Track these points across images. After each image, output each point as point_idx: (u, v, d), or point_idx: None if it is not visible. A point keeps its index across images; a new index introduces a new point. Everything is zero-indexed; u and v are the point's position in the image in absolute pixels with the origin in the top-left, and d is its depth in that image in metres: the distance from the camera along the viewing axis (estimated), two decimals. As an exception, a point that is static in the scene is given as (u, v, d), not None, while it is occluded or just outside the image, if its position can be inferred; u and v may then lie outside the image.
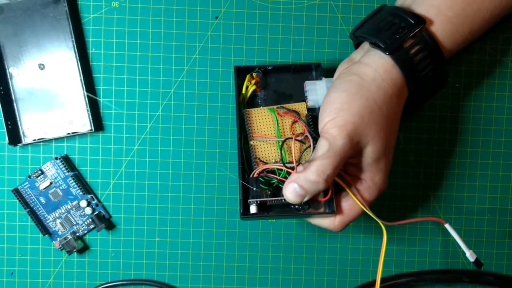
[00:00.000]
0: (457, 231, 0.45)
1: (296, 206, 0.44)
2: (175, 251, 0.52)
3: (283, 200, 0.43)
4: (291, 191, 0.41)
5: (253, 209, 0.44)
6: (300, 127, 0.46)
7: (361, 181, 0.44)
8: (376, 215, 0.43)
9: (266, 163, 0.45)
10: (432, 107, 0.52)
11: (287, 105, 0.46)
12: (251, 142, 0.45)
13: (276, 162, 0.45)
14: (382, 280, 0.52)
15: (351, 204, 0.44)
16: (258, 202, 0.44)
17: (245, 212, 0.44)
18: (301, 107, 0.47)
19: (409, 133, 0.52)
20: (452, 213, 0.52)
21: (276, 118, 0.46)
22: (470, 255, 0.46)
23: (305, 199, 0.42)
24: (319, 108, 0.45)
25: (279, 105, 0.46)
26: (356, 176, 0.44)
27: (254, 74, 0.46)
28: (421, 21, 0.42)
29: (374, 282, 0.52)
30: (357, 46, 0.47)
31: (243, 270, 0.52)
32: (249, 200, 0.44)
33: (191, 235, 0.52)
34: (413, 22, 0.42)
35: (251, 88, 0.47)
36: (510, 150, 0.52)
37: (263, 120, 0.46)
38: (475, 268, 0.53)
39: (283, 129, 0.46)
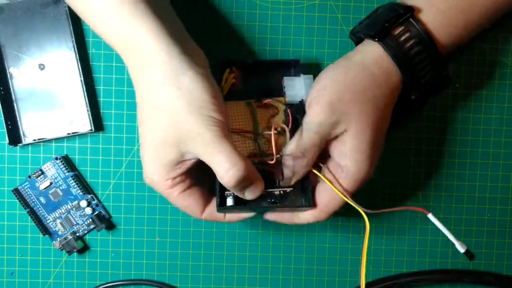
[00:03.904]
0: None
1: (273, 200, 0.44)
2: (175, 251, 0.52)
3: None
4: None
5: (229, 201, 0.44)
6: (278, 121, 0.46)
7: (342, 168, 0.43)
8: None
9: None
10: (432, 107, 0.52)
11: (266, 100, 0.47)
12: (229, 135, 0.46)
13: (251, 154, 0.45)
14: (382, 280, 0.52)
15: (331, 194, 0.44)
16: (235, 194, 0.43)
17: (221, 203, 0.44)
18: (280, 101, 0.47)
19: (409, 133, 0.52)
20: (452, 213, 0.52)
21: (255, 112, 0.46)
22: (459, 246, 0.46)
23: (293, 180, 0.43)
24: (297, 103, 0.46)
25: (257, 99, 0.47)
26: (338, 162, 0.43)
27: (234, 68, 0.46)
28: (409, 9, 0.43)
29: (374, 282, 0.52)
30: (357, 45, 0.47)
31: (243, 270, 0.52)
32: (226, 193, 0.44)
33: (191, 235, 0.52)
34: (402, 11, 0.43)
35: (230, 82, 0.47)
36: (510, 150, 0.52)
37: (241, 113, 0.46)
38: (475, 269, 0.53)
39: (261, 123, 0.46)
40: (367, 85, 0.42)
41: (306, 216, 0.45)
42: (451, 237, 0.45)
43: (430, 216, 0.45)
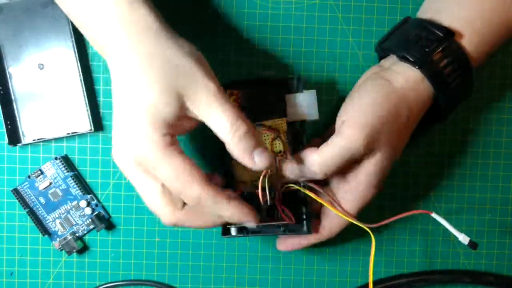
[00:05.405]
0: (457, 231, 0.45)
1: (275, 224, 0.44)
2: (175, 251, 0.52)
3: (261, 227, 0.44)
4: (289, 167, 0.42)
5: (233, 231, 0.45)
6: (279, 144, 0.45)
7: (350, 187, 0.43)
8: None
9: (246, 183, 0.45)
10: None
11: (266, 122, 0.45)
12: (232, 161, 0.44)
13: (252, 181, 0.45)
14: (383, 280, 0.52)
15: (337, 217, 0.45)
16: (237, 225, 0.45)
17: (225, 232, 0.45)
18: (281, 123, 0.45)
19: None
20: (452, 213, 0.52)
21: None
22: (462, 239, 0.45)
23: (301, 179, 0.43)
24: (299, 122, 0.46)
25: (258, 123, 0.45)
26: (347, 181, 0.44)
27: (234, 91, 0.45)
28: (450, 33, 0.41)
29: (374, 282, 0.52)
30: (381, 58, 0.46)
31: (243, 271, 0.52)
32: (228, 226, 0.45)
33: (191, 236, 0.52)
34: (441, 35, 0.41)
35: None
36: (511, 150, 0.52)
37: None
38: (475, 269, 0.53)
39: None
40: (402, 111, 0.41)
41: (311, 240, 0.46)
42: (454, 231, 0.45)
43: (434, 215, 0.45)
